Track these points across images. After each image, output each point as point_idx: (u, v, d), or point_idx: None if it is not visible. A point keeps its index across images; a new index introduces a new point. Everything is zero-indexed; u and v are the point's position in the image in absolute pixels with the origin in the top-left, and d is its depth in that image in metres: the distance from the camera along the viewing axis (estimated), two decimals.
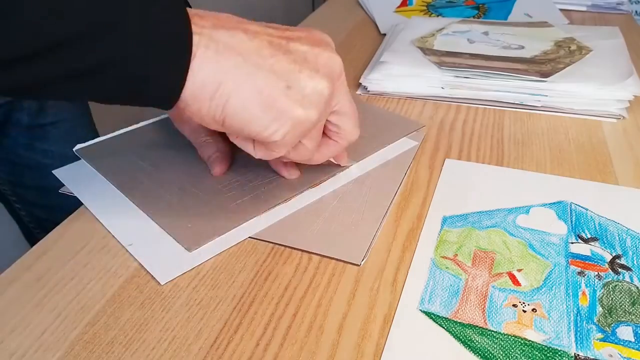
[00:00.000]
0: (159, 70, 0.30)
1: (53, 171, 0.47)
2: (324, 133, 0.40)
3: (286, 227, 0.40)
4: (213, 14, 0.33)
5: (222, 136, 0.46)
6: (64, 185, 0.45)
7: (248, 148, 0.37)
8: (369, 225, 0.40)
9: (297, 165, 0.45)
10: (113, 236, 0.40)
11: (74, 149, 0.49)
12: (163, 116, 0.55)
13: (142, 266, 0.37)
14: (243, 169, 0.46)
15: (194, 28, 0.31)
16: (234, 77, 0.32)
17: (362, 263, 0.37)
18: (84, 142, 0.50)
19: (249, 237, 0.39)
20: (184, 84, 0.31)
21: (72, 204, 0.43)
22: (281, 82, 0.33)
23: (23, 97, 0.61)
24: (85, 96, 0.33)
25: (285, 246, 0.39)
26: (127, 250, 0.38)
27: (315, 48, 0.35)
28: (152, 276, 0.36)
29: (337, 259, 0.37)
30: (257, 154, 0.37)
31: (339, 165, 0.46)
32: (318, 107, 0.35)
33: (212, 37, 0.32)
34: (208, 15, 0.33)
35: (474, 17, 0.84)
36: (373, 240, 0.39)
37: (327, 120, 0.38)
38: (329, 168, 0.46)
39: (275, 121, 0.33)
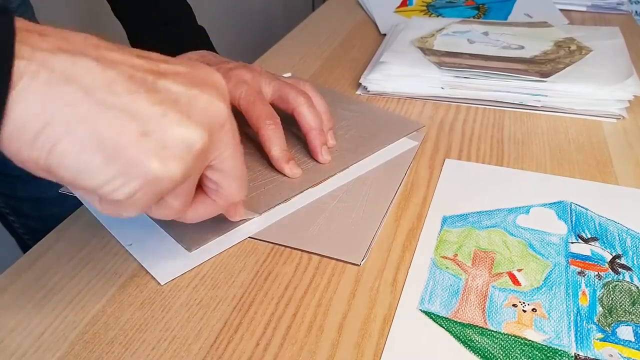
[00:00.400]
0: None
1: None
2: (201, 188, 0.33)
3: (286, 227, 0.40)
4: (63, 33, 0.26)
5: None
6: (58, 194, 0.45)
7: (92, 200, 0.30)
8: (369, 225, 0.40)
9: (299, 164, 0.45)
10: (113, 236, 0.40)
11: None
12: None
13: (142, 266, 0.37)
14: None
15: (25, 52, 0.24)
16: (65, 116, 0.25)
17: (362, 263, 0.37)
18: None
19: (249, 237, 0.39)
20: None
21: (67, 214, 0.43)
22: (135, 127, 0.26)
23: None
24: None
25: (285, 246, 0.39)
26: (127, 250, 0.38)
27: (193, 89, 0.28)
28: (152, 276, 0.36)
29: (337, 259, 0.37)
30: (104, 210, 0.30)
31: (330, 165, 0.45)
32: (183, 162, 0.27)
33: (45, 64, 0.24)
34: (54, 33, 0.26)
35: (474, 17, 0.84)
36: (373, 240, 0.39)
37: (204, 174, 0.32)
38: (329, 168, 0.46)
39: (120, 176, 0.26)
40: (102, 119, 0.25)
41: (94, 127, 0.25)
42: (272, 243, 0.39)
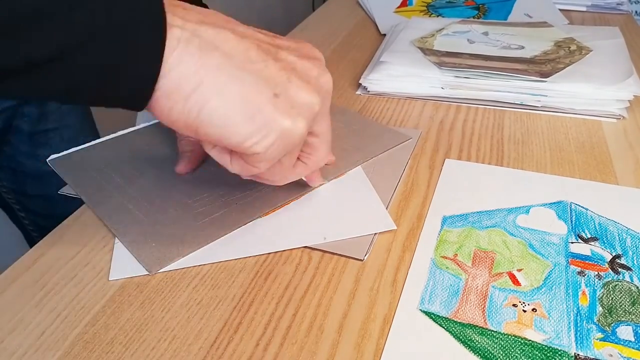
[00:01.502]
0: (126, 60, 0.27)
1: (47, 160, 0.47)
2: None
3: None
4: (200, 9, 0.30)
5: None
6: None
7: (224, 160, 0.34)
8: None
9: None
10: (113, 235, 0.40)
11: (47, 160, 0.48)
12: (145, 124, 0.54)
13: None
14: (216, 181, 0.44)
15: (176, 21, 0.28)
16: (216, 77, 0.29)
17: (365, 257, 0.37)
18: None
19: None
20: (156, 79, 0.28)
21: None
22: (269, 89, 0.30)
23: None
24: (44, 94, 0.28)
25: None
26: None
27: (306, 61, 0.33)
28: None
29: (340, 255, 0.37)
30: (234, 167, 0.34)
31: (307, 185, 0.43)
32: (306, 120, 0.32)
33: (195, 32, 0.28)
34: (194, 9, 0.30)
35: (474, 17, 0.84)
36: (375, 235, 0.39)
37: None
38: (301, 187, 0.43)
39: (259, 131, 0.30)
40: (244, 82, 0.29)
41: (238, 87, 0.29)
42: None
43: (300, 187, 0.43)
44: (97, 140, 0.51)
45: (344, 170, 0.46)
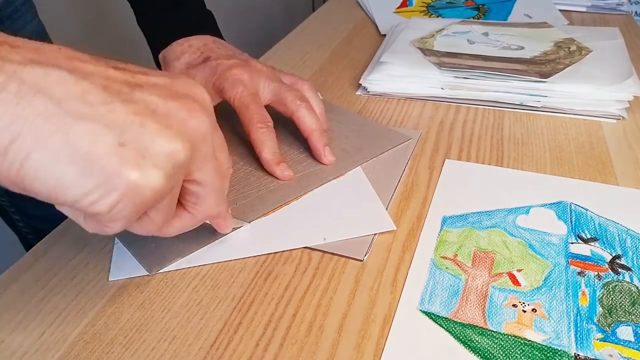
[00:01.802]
0: None
1: None
2: (178, 201, 0.32)
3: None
4: (36, 45, 0.26)
5: None
6: None
7: (77, 218, 0.30)
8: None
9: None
10: (113, 236, 0.40)
11: None
12: None
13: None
14: None
15: None
16: (36, 127, 0.24)
17: (365, 258, 0.37)
18: None
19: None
20: None
21: None
22: (111, 136, 0.25)
23: None
24: None
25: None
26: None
27: (172, 102, 0.27)
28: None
29: (340, 255, 0.37)
30: (88, 227, 0.29)
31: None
32: (164, 171, 0.26)
33: (15, 75, 0.24)
34: (26, 45, 0.25)
35: (473, 17, 0.84)
36: (375, 235, 0.39)
37: (182, 187, 0.31)
38: (300, 188, 0.44)
39: (98, 188, 0.25)
40: (75, 130, 0.24)
41: (67, 137, 0.24)
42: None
43: (299, 187, 0.43)
44: None
45: (344, 171, 0.46)
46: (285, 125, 0.49)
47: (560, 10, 0.85)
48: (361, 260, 0.37)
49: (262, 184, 0.44)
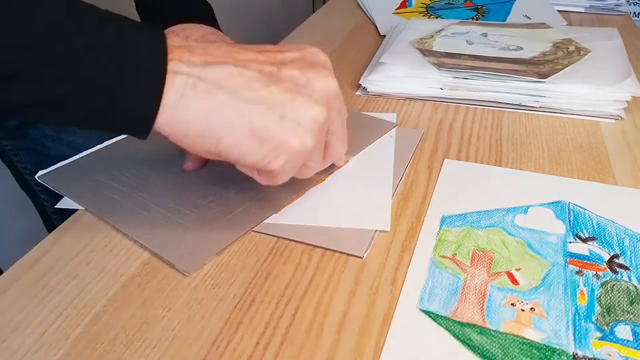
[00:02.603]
0: (127, 104, 0.31)
1: (36, 176, 0.46)
2: None
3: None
4: (204, 47, 0.33)
5: None
6: None
7: (254, 175, 0.38)
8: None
9: None
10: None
11: (36, 177, 0.47)
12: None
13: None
14: (224, 181, 0.44)
15: (182, 68, 0.31)
16: (223, 115, 0.32)
17: (364, 255, 0.37)
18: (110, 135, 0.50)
19: (253, 231, 0.40)
20: (152, 121, 0.32)
21: None
22: (274, 113, 0.33)
23: (6, 117, 0.63)
24: (62, 122, 0.35)
25: (289, 239, 0.39)
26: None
27: (308, 72, 0.35)
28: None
29: (340, 252, 0.38)
30: (263, 180, 0.38)
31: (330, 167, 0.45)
32: (314, 134, 0.35)
33: (200, 76, 0.32)
34: (199, 48, 0.33)
35: (472, 18, 0.84)
36: (375, 232, 0.39)
37: None
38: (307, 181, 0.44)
39: (270, 153, 0.34)
40: (250, 113, 0.33)
41: (244, 120, 0.32)
42: (275, 237, 0.39)
43: (307, 181, 0.43)
44: (84, 153, 0.50)
45: (346, 159, 0.47)
46: None
47: (558, 10, 0.85)
48: (361, 257, 0.37)
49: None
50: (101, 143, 0.51)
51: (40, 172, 0.48)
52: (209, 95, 0.32)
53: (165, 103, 0.31)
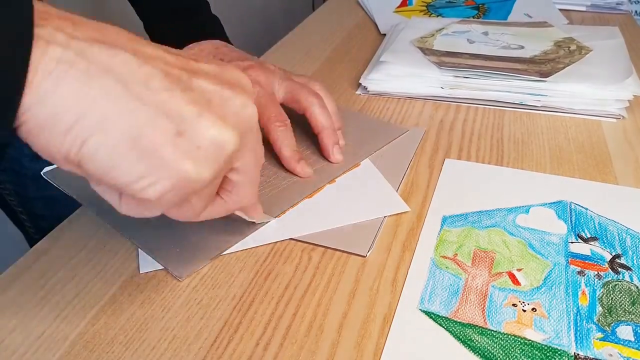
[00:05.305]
0: None
1: (42, 172, 0.46)
2: None
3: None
4: (97, 25, 0.25)
5: None
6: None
7: (112, 199, 0.28)
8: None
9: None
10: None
11: (42, 172, 0.47)
12: None
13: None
14: None
15: (58, 37, 0.23)
16: (102, 109, 0.24)
17: (367, 254, 0.37)
18: None
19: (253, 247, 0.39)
20: (16, 108, 0.22)
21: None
22: (170, 125, 0.25)
23: None
24: None
25: (290, 239, 0.39)
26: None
27: (226, 90, 0.28)
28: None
29: (342, 251, 0.37)
30: (122, 208, 0.28)
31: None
32: (215, 165, 0.27)
33: (83, 53, 0.23)
34: (90, 25, 0.25)
35: (473, 17, 0.84)
36: (378, 231, 0.39)
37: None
38: (312, 185, 0.44)
39: (151, 175, 0.25)
40: (139, 115, 0.24)
41: (130, 122, 0.24)
42: (276, 242, 0.39)
43: (312, 183, 0.44)
44: None
45: (350, 165, 0.47)
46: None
47: (560, 9, 0.85)
48: (364, 256, 0.37)
49: (278, 179, 0.45)
50: None
51: (47, 168, 0.48)
52: (89, 79, 0.23)
53: (30, 79, 0.22)
